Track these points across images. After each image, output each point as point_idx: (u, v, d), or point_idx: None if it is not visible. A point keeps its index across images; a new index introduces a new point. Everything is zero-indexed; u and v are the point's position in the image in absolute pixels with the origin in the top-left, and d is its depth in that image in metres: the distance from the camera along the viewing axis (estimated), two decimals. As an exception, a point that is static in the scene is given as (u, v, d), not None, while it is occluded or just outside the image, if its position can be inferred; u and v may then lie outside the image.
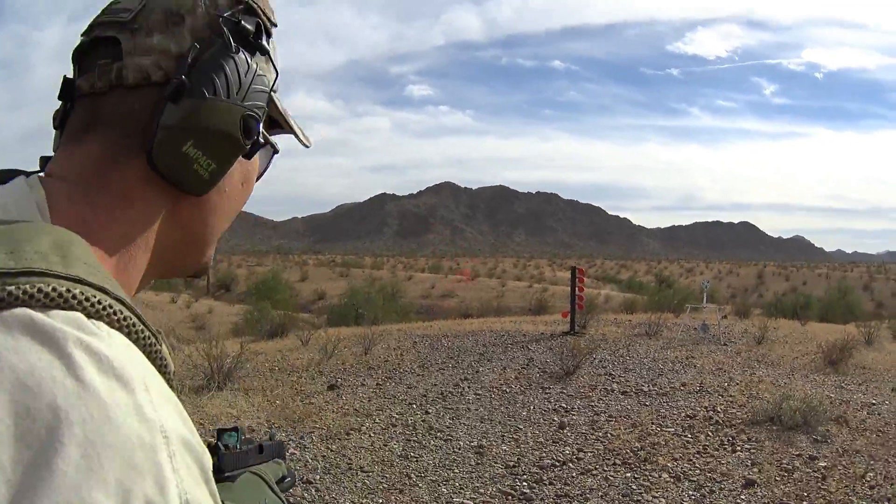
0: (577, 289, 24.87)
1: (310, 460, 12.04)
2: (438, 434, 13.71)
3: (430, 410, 15.21)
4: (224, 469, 1.68)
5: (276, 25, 1.39)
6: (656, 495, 11.05)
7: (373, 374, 18.17)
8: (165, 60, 1.21)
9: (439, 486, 11.30)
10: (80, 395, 0.80)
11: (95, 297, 0.92)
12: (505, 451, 12.91)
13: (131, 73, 1.20)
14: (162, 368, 1.02)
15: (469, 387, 17.10)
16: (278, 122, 1.47)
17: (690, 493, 11.16)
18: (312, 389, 16.60)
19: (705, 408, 15.20)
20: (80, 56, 1.28)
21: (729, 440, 13.31)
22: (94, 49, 1.25)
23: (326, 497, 10.64)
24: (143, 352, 0.98)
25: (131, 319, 0.97)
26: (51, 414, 0.78)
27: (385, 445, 12.96)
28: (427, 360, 19.92)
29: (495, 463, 12.33)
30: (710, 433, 13.68)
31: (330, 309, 43.74)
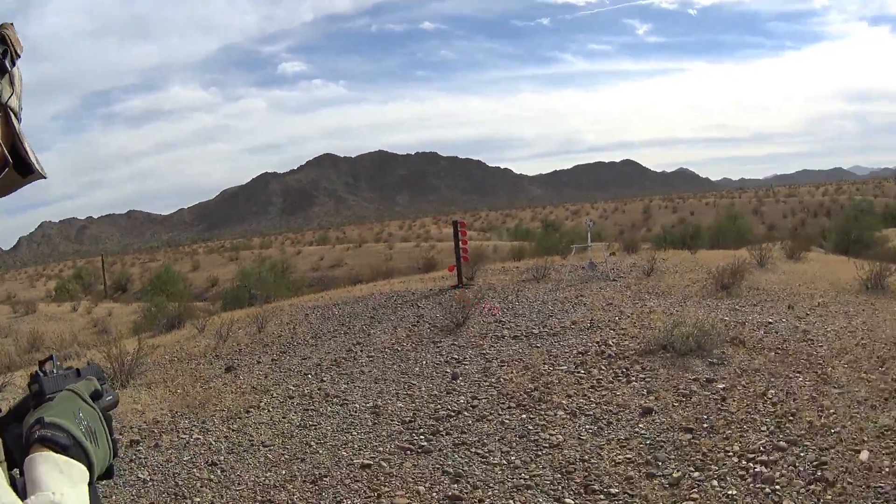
0: (460, 242, 24.73)
1: (213, 443, 12.06)
2: (334, 400, 13.71)
3: (325, 378, 15.17)
4: (45, 392, 1.95)
5: (19, 56, 1.89)
6: (553, 433, 11.11)
7: (268, 351, 18.11)
8: None
9: (339, 449, 11.34)
10: None
11: None
12: (400, 407, 12.95)
13: None
14: None
15: (362, 350, 17.02)
16: (26, 161, 1.91)
17: (588, 427, 11.20)
18: (211, 374, 16.59)
19: (597, 343, 15.21)
20: None
21: (623, 372, 13.36)
22: None
23: (232, 476, 10.69)
24: None
25: None
26: None
27: (284, 418, 13.01)
28: (319, 329, 19.77)
29: (392, 421, 12.37)
30: (603, 367, 13.72)
31: (224, 294, 43.50)
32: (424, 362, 15.47)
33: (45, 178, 1.97)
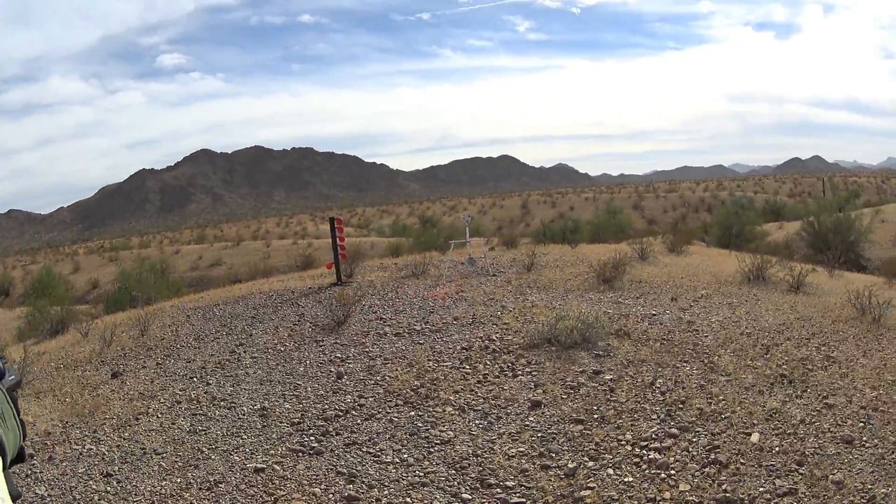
0: (338, 239, 24.61)
1: (106, 452, 11.78)
2: (222, 403, 13.56)
3: (211, 381, 14.98)
4: None
5: None
6: (444, 429, 11.16)
7: (152, 355, 17.72)
8: None
9: (231, 454, 11.22)
10: None
11: None
12: (288, 409, 12.85)
13: None
14: None
15: (245, 352, 16.80)
16: None
17: (477, 422, 11.28)
18: (98, 380, 16.15)
19: (480, 338, 15.31)
20: None
21: (509, 366, 13.49)
22: None
23: (128, 486, 10.46)
24: None
25: None
26: None
27: (173, 424, 12.79)
28: (202, 331, 19.45)
29: (281, 422, 12.27)
30: (488, 362, 13.84)
31: (105, 296, 42.80)
32: (308, 362, 15.37)
33: None
